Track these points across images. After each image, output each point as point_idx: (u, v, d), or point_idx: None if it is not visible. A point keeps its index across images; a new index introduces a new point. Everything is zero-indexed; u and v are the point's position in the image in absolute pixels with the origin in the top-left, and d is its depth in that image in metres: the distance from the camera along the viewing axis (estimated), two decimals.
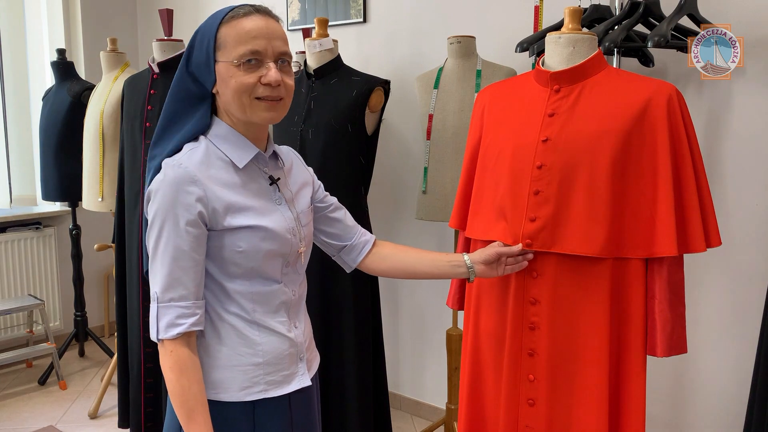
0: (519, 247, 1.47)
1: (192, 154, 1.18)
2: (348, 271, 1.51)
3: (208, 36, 1.18)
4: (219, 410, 1.19)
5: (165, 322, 1.13)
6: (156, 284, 1.14)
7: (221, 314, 1.20)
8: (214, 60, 1.18)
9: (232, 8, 1.19)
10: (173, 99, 1.25)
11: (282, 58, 1.20)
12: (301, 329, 1.30)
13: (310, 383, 1.29)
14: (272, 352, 1.22)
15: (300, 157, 1.42)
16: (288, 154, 1.38)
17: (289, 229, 1.24)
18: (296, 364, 1.27)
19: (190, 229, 1.13)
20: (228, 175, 1.19)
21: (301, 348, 1.29)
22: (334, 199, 1.46)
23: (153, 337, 1.15)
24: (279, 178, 1.28)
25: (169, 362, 1.14)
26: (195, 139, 1.22)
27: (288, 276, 1.27)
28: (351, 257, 1.46)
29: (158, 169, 1.18)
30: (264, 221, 1.20)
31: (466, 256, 1.46)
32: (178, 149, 1.21)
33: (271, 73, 1.17)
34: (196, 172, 1.15)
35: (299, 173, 1.37)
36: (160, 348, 1.16)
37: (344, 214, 1.47)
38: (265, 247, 1.19)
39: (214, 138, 1.22)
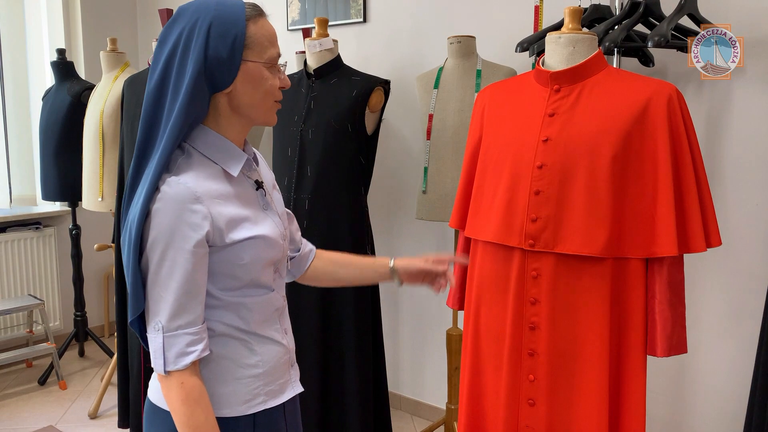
0: (446, 268, 1.39)
1: (188, 168, 1.08)
2: (288, 281, 1.41)
3: (235, 32, 1.08)
4: (224, 427, 1.13)
5: (175, 352, 1.04)
6: (160, 312, 1.04)
7: (219, 328, 1.13)
8: (241, 59, 1.09)
9: (244, 5, 1.11)
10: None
11: None
12: (290, 334, 1.27)
13: (302, 389, 1.26)
14: (270, 361, 1.19)
15: (262, 156, 1.34)
16: (256, 153, 1.29)
17: (280, 234, 1.20)
18: (288, 371, 1.24)
19: (196, 250, 1.04)
20: (222, 186, 1.11)
21: (292, 354, 1.26)
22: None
23: (159, 370, 1.05)
24: (262, 182, 1.21)
25: (180, 395, 1.04)
26: (179, 147, 1.11)
27: (276, 282, 1.22)
28: (297, 268, 1.41)
29: (153, 185, 1.05)
30: (261, 230, 1.14)
31: (391, 262, 1.39)
32: (167, 161, 1.08)
33: (286, 77, 1.17)
34: (197, 188, 1.06)
35: (267, 173, 1.30)
36: (164, 381, 1.06)
37: (295, 222, 1.41)
38: (265, 256, 1.14)
39: (201, 146, 1.12)
